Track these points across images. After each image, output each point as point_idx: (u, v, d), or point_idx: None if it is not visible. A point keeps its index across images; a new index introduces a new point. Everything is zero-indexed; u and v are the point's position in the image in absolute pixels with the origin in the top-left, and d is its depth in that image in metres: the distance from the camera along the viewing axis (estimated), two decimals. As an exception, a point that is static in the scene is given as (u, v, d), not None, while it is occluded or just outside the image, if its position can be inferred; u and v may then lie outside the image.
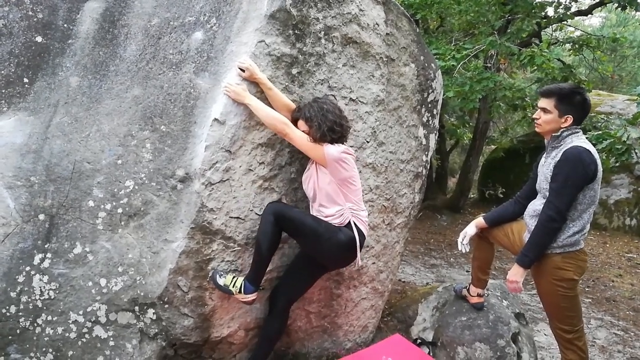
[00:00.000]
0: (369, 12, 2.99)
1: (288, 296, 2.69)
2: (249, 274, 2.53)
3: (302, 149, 2.55)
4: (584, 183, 2.44)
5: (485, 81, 6.45)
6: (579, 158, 2.41)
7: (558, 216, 2.46)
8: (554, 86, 2.64)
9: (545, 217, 2.49)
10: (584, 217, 2.51)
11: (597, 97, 10.12)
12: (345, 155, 2.55)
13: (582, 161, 2.40)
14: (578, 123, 2.55)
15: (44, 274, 2.43)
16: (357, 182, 2.63)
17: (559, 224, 2.48)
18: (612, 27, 15.94)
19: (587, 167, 2.41)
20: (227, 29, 2.61)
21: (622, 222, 8.24)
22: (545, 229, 2.50)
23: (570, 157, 2.43)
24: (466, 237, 2.96)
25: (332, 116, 2.56)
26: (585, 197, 2.48)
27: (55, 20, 2.65)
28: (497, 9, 7.10)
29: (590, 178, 2.43)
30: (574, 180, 2.42)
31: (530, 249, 2.55)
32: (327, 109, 2.57)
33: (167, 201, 2.48)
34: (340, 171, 2.53)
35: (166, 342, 2.50)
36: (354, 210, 2.59)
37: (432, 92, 3.47)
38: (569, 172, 2.42)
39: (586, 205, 2.50)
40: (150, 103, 2.57)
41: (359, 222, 2.60)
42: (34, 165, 2.49)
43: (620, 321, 4.71)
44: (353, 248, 2.58)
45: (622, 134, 4.21)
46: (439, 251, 7.04)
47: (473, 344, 3.05)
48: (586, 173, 2.41)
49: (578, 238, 2.52)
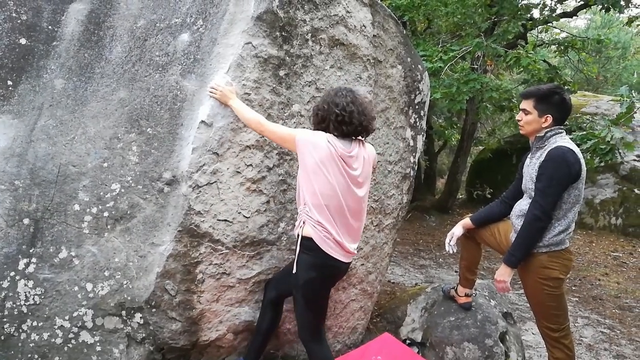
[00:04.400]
0: (356, 14, 3.00)
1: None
2: (247, 352, 2.68)
3: (277, 141, 2.44)
4: (569, 182, 2.47)
5: (472, 82, 6.50)
6: (563, 158, 2.44)
7: (544, 215, 2.49)
8: (533, 87, 2.70)
9: (531, 216, 2.52)
10: (569, 216, 2.54)
11: (583, 98, 10.26)
12: (317, 140, 2.31)
13: (566, 160, 2.44)
14: (560, 123, 2.58)
15: (29, 279, 2.40)
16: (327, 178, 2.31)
17: (545, 223, 2.51)
18: (597, 28, 16.18)
19: (571, 167, 2.44)
20: (213, 31, 2.60)
21: (608, 222, 8.35)
22: (532, 228, 2.53)
23: (554, 157, 2.46)
24: (453, 238, 2.98)
25: (339, 108, 2.33)
26: (570, 196, 2.51)
27: (39, 22, 2.62)
28: (483, 11, 7.17)
29: (575, 177, 2.47)
30: (558, 179, 2.45)
31: (517, 249, 2.58)
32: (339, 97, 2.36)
33: (154, 204, 2.47)
34: (305, 155, 2.31)
35: (154, 347, 2.48)
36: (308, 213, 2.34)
37: (419, 94, 3.48)
38: (554, 172, 2.45)
39: (571, 205, 2.53)
40: (136, 105, 2.55)
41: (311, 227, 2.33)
42: (18, 168, 2.46)
43: (607, 319, 4.76)
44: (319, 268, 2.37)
45: (606, 134, 4.26)
46: (427, 252, 7.07)
47: (461, 344, 3.07)
48: (570, 172, 2.45)
49: (563, 237, 2.55)
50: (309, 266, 2.36)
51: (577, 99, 9.88)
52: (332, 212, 2.34)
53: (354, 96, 2.38)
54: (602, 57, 13.58)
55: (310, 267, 2.36)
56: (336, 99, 2.37)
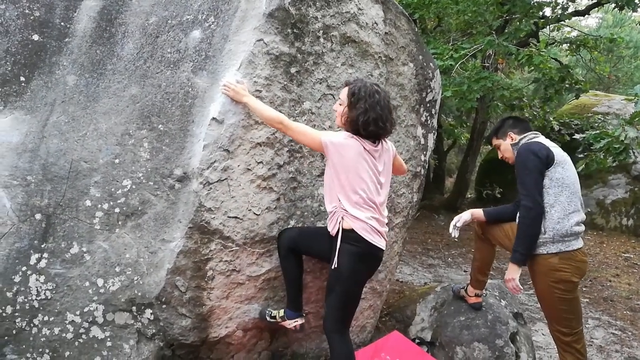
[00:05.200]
0: (368, 11, 2.99)
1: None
2: (287, 303, 2.69)
3: (302, 141, 2.44)
4: (542, 167, 2.58)
5: (483, 81, 6.46)
6: (527, 148, 2.64)
7: (532, 203, 2.54)
8: (491, 130, 3.09)
9: (522, 209, 2.59)
10: (560, 199, 2.56)
11: (594, 98, 10.15)
12: (345, 141, 2.37)
13: (531, 150, 2.61)
14: (526, 130, 2.83)
15: (40, 274, 2.41)
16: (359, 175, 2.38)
17: (536, 209, 2.54)
18: (609, 27, 16.02)
19: (538, 152, 2.59)
20: (225, 28, 2.59)
21: (619, 222, 8.26)
22: (525, 219, 2.56)
23: (520, 151, 2.68)
24: (460, 221, 2.97)
25: (380, 110, 2.38)
26: (552, 181, 2.57)
27: (52, 18, 2.63)
28: (494, 9, 7.11)
29: (546, 162, 2.58)
30: (530, 167, 2.58)
31: (519, 243, 2.58)
32: (378, 100, 2.39)
33: (164, 201, 2.47)
34: (334, 156, 2.36)
35: (164, 343, 2.49)
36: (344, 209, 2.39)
37: (430, 92, 3.46)
38: (524, 162, 2.61)
39: (558, 189, 2.57)
40: (147, 102, 2.55)
41: (352, 221, 2.38)
42: (30, 164, 2.47)
43: (618, 321, 4.72)
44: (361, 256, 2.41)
45: (620, 133, 4.22)
46: (436, 251, 7.04)
47: (471, 344, 3.04)
48: (538, 157, 2.57)
49: (567, 227, 2.53)
50: (354, 257, 2.40)
51: (588, 98, 9.78)
52: (367, 206, 2.42)
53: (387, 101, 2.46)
54: (614, 56, 13.42)
55: (356, 257, 2.40)
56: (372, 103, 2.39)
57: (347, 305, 2.49)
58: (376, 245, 2.44)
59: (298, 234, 2.64)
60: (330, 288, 2.46)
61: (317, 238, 2.61)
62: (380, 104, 2.39)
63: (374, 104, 2.37)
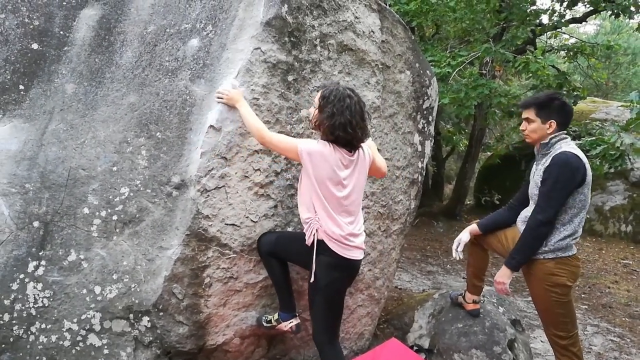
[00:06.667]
0: (365, 19, 3.01)
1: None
2: (279, 306, 2.68)
3: (278, 151, 2.43)
4: (573, 187, 2.46)
5: (481, 88, 6.48)
6: (567, 162, 2.44)
7: (546, 220, 2.49)
8: (531, 97, 2.73)
9: (533, 220, 2.53)
10: (574, 221, 2.53)
11: (592, 104, 10.19)
12: (320, 150, 2.32)
13: (570, 165, 2.44)
14: (563, 128, 2.60)
15: (38, 282, 2.42)
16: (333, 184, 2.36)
17: (547, 228, 2.50)
18: (606, 34, 16.11)
19: (575, 171, 2.44)
20: (223, 36, 2.61)
21: (618, 229, 8.27)
22: (533, 232, 2.53)
23: (558, 162, 2.46)
24: (460, 244, 2.97)
25: (349, 115, 2.29)
26: (575, 202, 2.50)
27: (51, 27, 2.65)
28: (492, 17, 7.16)
29: (579, 182, 2.46)
30: (562, 183, 2.45)
31: (517, 252, 2.58)
32: (349, 105, 2.31)
33: (162, 208, 2.48)
34: (309, 165, 2.33)
35: (161, 350, 2.49)
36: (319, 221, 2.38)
37: (427, 99, 3.48)
38: (558, 176, 2.45)
39: (577, 210, 2.51)
40: (146, 110, 2.57)
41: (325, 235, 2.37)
42: (28, 172, 2.48)
43: (617, 328, 4.71)
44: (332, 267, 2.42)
45: (616, 140, 4.24)
46: (435, 258, 7.04)
47: (469, 351, 3.04)
48: (574, 177, 2.44)
49: (569, 242, 2.53)
50: (329, 267, 2.41)
51: (586, 104, 9.82)
52: (341, 217, 2.41)
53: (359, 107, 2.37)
54: (612, 63, 13.49)
55: (331, 267, 2.41)
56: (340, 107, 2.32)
57: (331, 315, 2.50)
58: (351, 259, 2.44)
59: (275, 239, 2.62)
60: (312, 300, 2.49)
61: (294, 243, 2.58)
62: (350, 109, 2.31)
63: (342, 108, 2.30)
